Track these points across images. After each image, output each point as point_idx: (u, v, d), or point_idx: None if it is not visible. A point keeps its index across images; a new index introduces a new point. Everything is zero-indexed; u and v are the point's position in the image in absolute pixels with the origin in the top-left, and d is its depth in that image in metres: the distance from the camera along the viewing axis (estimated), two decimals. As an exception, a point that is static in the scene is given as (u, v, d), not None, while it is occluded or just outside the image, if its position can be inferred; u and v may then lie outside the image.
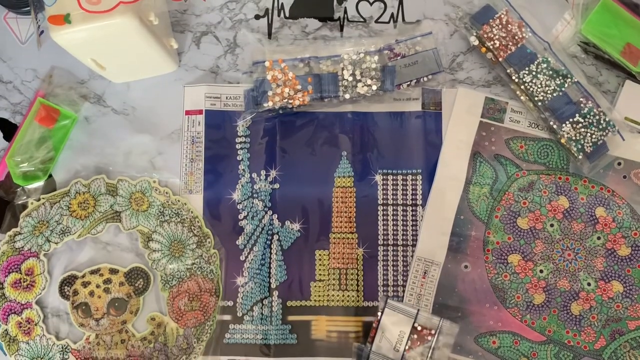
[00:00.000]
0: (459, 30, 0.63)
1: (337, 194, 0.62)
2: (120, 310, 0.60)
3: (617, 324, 0.59)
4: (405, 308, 0.58)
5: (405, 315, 0.57)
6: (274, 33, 0.64)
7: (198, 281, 0.60)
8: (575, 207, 0.61)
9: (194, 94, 0.63)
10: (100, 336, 0.60)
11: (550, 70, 0.59)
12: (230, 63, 0.64)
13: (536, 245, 0.60)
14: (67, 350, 0.60)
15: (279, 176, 0.62)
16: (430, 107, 0.62)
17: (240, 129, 0.62)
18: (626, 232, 0.60)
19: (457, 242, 0.61)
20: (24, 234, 0.61)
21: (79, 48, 0.53)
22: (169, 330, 0.60)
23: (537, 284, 0.60)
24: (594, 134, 0.59)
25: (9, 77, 0.64)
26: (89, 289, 0.60)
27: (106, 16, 0.48)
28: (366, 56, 0.59)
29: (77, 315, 0.60)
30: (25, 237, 0.61)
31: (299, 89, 0.59)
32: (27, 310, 0.60)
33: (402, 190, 0.62)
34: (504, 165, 0.61)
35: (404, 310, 0.58)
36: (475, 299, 0.60)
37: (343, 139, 0.62)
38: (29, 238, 0.61)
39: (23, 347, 0.60)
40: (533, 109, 0.61)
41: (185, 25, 0.64)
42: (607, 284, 0.60)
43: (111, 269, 0.61)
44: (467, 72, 0.63)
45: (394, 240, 0.61)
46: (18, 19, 0.64)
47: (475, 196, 0.61)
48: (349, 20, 0.64)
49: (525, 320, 0.60)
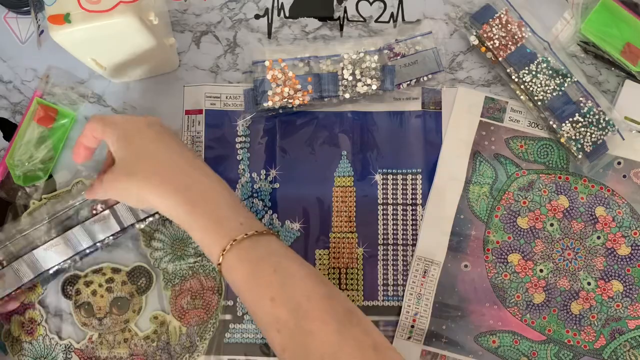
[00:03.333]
0: (459, 29, 0.64)
1: (337, 193, 0.62)
2: (123, 309, 0.60)
3: (617, 323, 0.60)
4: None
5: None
6: (273, 33, 0.64)
7: (200, 279, 0.60)
8: (575, 206, 0.61)
9: (193, 93, 0.63)
10: (103, 335, 0.60)
11: (550, 70, 0.59)
12: (230, 63, 0.64)
13: (536, 245, 0.60)
14: (70, 349, 0.60)
15: (279, 176, 0.62)
16: (430, 107, 0.63)
17: (240, 129, 0.62)
18: (626, 232, 0.60)
19: (457, 242, 0.61)
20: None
21: (79, 47, 0.53)
22: (171, 328, 0.60)
23: (537, 284, 0.60)
24: (593, 134, 0.59)
25: (9, 77, 0.64)
26: (92, 288, 0.60)
27: (106, 16, 0.48)
28: (366, 56, 0.59)
29: (79, 314, 0.60)
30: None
31: (299, 88, 0.59)
32: (30, 310, 0.60)
33: (402, 189, 0.62)
34: (504, 164, 0.61)
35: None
36: (475, 298, 0.60)
37: (343, 139, 0.62)
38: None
39: (26, 347, 0.60)
40: (533, 108, 0.61)
41: (185, 24, 0.64)
42: (607, 284, 0.60)
43: (113, 268, 0.61)
44: (467, 72, 0.63)
45: (394, 240, 0.61)
46: (18, 19, 0.64)
47: (475, 196, 0.61)
48: (349, 19, 0.64)
49: (525, 320, 0.60)
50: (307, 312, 0.42)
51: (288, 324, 0.42)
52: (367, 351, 0.41)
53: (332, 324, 0.41)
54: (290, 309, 0.42)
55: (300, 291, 0.43)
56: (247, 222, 0.46)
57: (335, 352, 0.40)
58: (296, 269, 0.44)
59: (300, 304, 0.42)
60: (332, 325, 0.41)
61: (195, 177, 0.48)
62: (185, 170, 0.48)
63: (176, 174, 0.47)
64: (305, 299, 0.42)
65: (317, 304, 0.42)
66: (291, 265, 0.45)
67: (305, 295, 0.43)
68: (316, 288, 0.43)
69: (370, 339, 0.42)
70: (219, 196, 0.47)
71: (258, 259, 0.44)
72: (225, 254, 0.44)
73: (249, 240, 0.45)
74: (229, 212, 0.47)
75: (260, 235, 0.46)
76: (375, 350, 0.41)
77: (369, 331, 0.43)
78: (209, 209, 0.46)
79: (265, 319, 0.43)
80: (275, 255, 0.45)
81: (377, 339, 0.42)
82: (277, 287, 0.43)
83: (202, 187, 0.47)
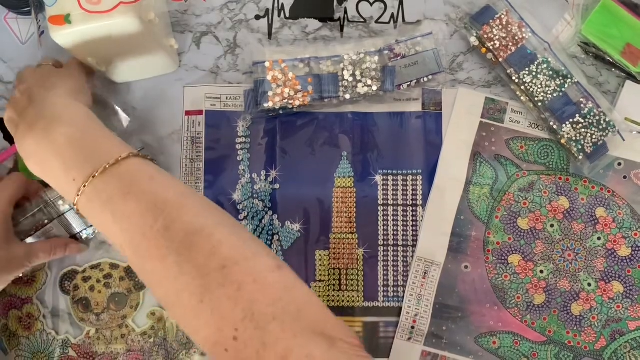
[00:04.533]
0: (459, 30, 0.64)
1: (338, 194, 0.62)
2: (121, 305, 0.60)
3: (617, 325, 0.59)
4: None
5: None
6: (274, 33, 0.64)
7: None
8: (575, 207, 0.61)
9: (194, 94, 0.63)
10: (101, 331, 0.60)
11: (551, 71, 0.59)
12: (231, 63, 0.64)
13: (536, 246, 0.60)
14: (68, 345, 0.60)
15: (279, 176, 0.62)
16: (431, 108, 0.62)
17: (240, 130, 0.62)
18: (626, 233, 0.60)
19: (457, 243, 0.61)
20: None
21: (80, 48, 0.53)
22: (169, 325, 0.60)
23: (538, 285, 0.60)
24: (594, 135, 0.59)
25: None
26: (90, 283, 0.60)
27: (106, 16, 0.48)
28: (366, 56, 0.59)
29: (77, 310, 0.60)
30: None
31: (299, 89, 0.59)
32: (28, 305, 0.60)
33: (402, 190, 0.62)
34: (504, 165, 0.61)
35: None
36: (476, 299, 0.60)
37: (343, 140, 0.62)
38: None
39: (23, 342, 0.60)
40: (533, 109, 0.61)
41: (185, 25, 0.64)
42: (607, 285, 0.60)
43: (112, 264, 0.61)
44: (468, 73, 0.63)
45: (394, 241, 0.61)
46: (18, 20, 0.64)
47: (475, 196, 0.61)
48: (349, 20, 0.64)
49: (526, 321, 0.60)
50: (146, 252, 0.40)
51: (137, 268, 0.41)
52: (210, 275, 0.38)
53: (170, 257, 0.39)
54: (134, 253, 0.41)
55: (137, 230, 0.40)
56: (81, 173, 0.43)
57: (174, 287, 0.38)
58: (132, 206, 0.41)
59: (139, 246, 0.40)
60: (170, 259, 0.39)
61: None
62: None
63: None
64: (142, 239, 0.40)
65: (153, 241, 0.40)
66: (127, 203, 0.41)
67: (141, 233, 0.40)
68: (151, 221, 0.40)
69: (219, 260, 0.38)
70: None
71: (99, 212, 0.42)
72: (77, 202, 0.43)
73: (85, 195, 0.42)
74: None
75: (93, 181, 0.42)
76: (222, 269, 0.38)
77: (217, 248, 0.39)
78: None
79: (115, 245, 0.43)
80: (110, 199, 0.42)
81: (228, 255, 0.39)
82: (119, 235, 0.41)
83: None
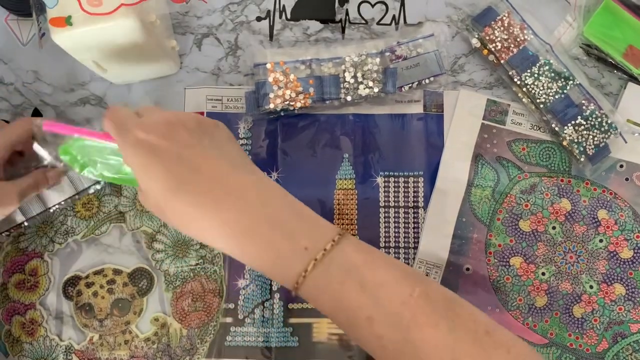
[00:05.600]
0: (461, 32, 0.63)
1: (339, 196, 0.61)
2: (124, 311, 0.60)
3: (619, 327, 0.59)
4: None
5: None
6: (275, 35, 0.64)
7: (202, 282, 0.60)
8: (577, 209, 0.61)
9: (195, 96, 0.63)
10: (104, 337, 0.60)
11: (552, 73, 0.59)
12: (232, 65, 0.64)
13: (538, 248, 0.60)
14: (71, 350, 0.60)
15: (281, 178, 0.62)
16: (432, 109, 0.62)
17: (241, 131, 0.62)
18: (628, 235, 0.60)
19: (458, 245, 0.60)
20: (28, 235, 0.61)
21: (81, 50, 0.53)
22: (172, 330, 0.60)
23: (539, 287, 0.60)
24: (596, 137, 0.59)
25: (10, 79, 0.64)
26: (93, 289, 0.60)
27: (107, 18, 0.48)
28: (368, 58, 0.59)
29: (80, 315, 0.60)
30: (29, 237, 0.61)
31: (301, 91, 0.59)
32: (31, 310, 0.60)
33: (403, 192, 0.61)
34: (506, 167, 0.61)
35: None
36: (477, 301, 0.60)
37: (344, 141, 0.62)
38: (33, 238, 0.61)
39: (26, 348, 0.60)
40: (535, 111, 0.61)
41: (186, 27, 0.64)
42: (609, 287, 0.60)
43: (115, 270, 0.61)
44: (469, 74, 0.63)
45: (396, 243, 0.61)
46: (19, 21, 0.64)
47: (477, 198, 0.61)
48: (351, 22, 0.64)
49: (527, 323, 0.60)
50: (411, 321, 0.37)
51: (393, 339, 0.37)
52: (482, 340, 0.36)
53: (442, 324, 0.37)
54: (392, 323, 0.37)
55: (395, 299, 0.38)
56: (312, 242, 0.40)
57: (452, 353, 0.36)
58: (382, 274, 0.39)
59: (401, 315, 0.37)
60: (442, 326, 0.36)
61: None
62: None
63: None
64: (403, 307, 0.37)
65: (417, 309, 0.37)
66: (376, 272, 0.39)
67: (401, 302, 0.37)
68: (409, 289, 0.38)
69: (481, 325, 0.37)
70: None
71: (339, 282, 0.39)
72: (300, 286, 0.39)
73: (321, 264, 0.39)
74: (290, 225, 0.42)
75: (330, 250, 0.39)
76: (487, 334, 0.37)
77: (475, 314, 0.38)
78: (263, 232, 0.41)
79: (365, 339, 0.39)
80: (355, 268, 0.39)
81: (484, 321, 0.38)
82: (370, 306, 0.38)
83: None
